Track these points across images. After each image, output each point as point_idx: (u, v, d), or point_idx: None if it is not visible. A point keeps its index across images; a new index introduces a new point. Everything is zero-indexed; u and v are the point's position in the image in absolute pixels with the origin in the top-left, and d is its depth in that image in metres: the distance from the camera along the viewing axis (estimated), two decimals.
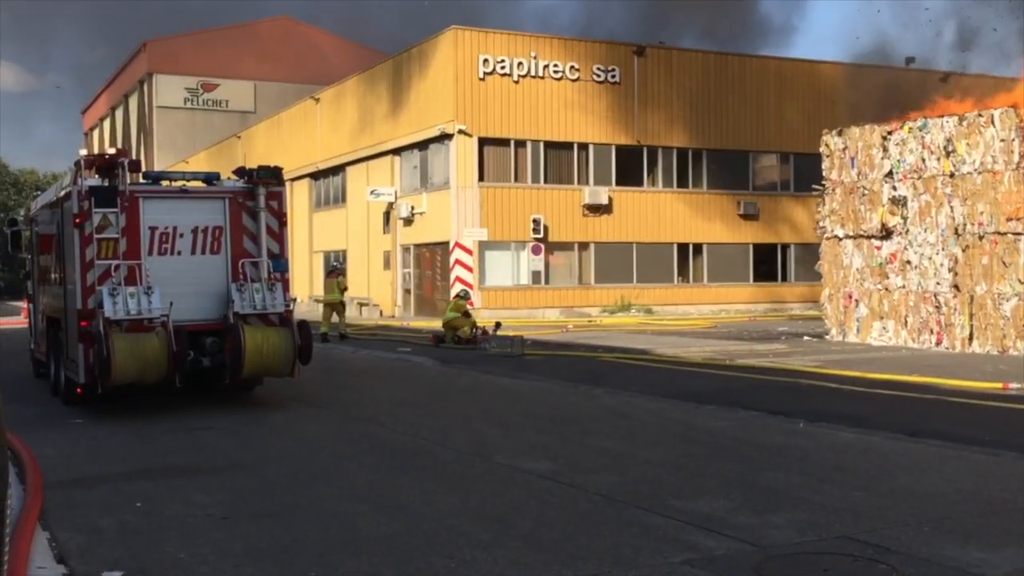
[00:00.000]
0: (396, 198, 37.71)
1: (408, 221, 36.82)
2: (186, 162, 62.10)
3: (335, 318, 25.45)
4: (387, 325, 31.79)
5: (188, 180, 13.08)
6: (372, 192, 38.29)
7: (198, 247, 12.50)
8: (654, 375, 16.40)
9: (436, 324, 25.76)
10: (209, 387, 13.34)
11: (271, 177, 12.88)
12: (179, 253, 12.40)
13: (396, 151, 38.08)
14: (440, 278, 35.00)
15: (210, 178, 13.06)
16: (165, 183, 12.95)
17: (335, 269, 29.23)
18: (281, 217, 12.93)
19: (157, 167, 59.92)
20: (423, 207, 35.97)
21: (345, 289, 26.14)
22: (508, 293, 34.38)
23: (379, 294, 38.90)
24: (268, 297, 12.47)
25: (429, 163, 36.27)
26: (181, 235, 12.42)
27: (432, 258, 35.77)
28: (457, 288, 29.77)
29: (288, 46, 70.28)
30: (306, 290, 44.97)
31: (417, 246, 36.77)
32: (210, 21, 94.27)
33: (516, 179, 34.82)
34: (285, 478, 8.52)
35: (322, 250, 45.87)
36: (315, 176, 46.62)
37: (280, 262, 12.80)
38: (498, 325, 22.60)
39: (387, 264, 38.81)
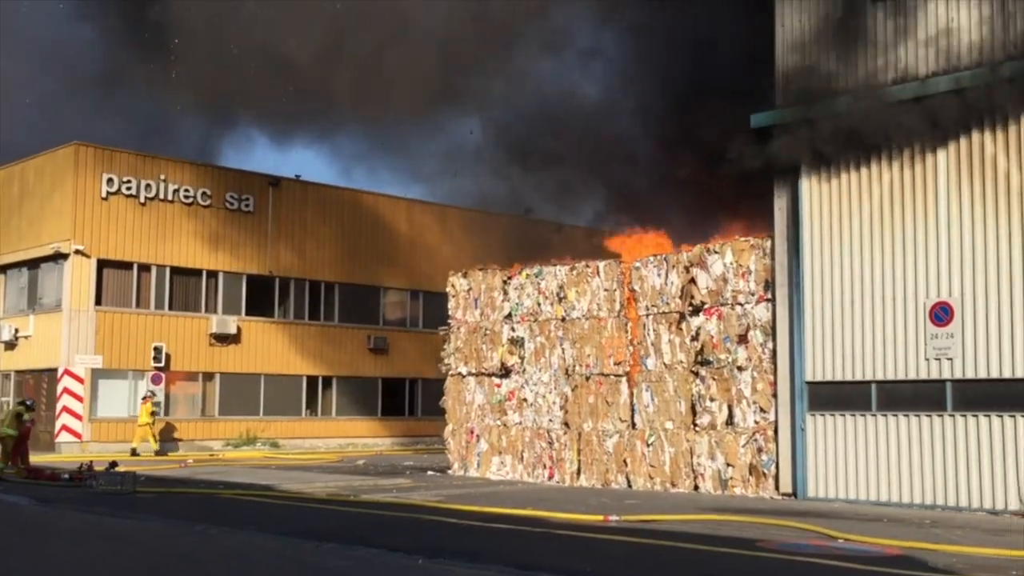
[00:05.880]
0: None
1: (11, 345, 33.65)
2: None
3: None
4: None
5: None
6: None
7: None
8: (276, 512, 15.90)
9: (39, 459, 23.54)
10: None
11: None
12: None
13: (1, 269, 34.99)
14: (45, 408, 32.09)
15: None
16: None
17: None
18: None
19: None
20: (29, 330, 33.10)
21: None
22: (123, 425, 32.17)
23: None
24: None
25: (40, 283, 33.61)
26: None
27: (37, 386, 32.79)
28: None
29: None
30: None
31: (19, 372, 33.61)
32: None
33: (138, 304, 33.15)
34: None
35: None
36: None
37: None
38: (114, 464, 20.96)
39: None
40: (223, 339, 34.57)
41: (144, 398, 31.33)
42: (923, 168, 16.48)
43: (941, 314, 16.03)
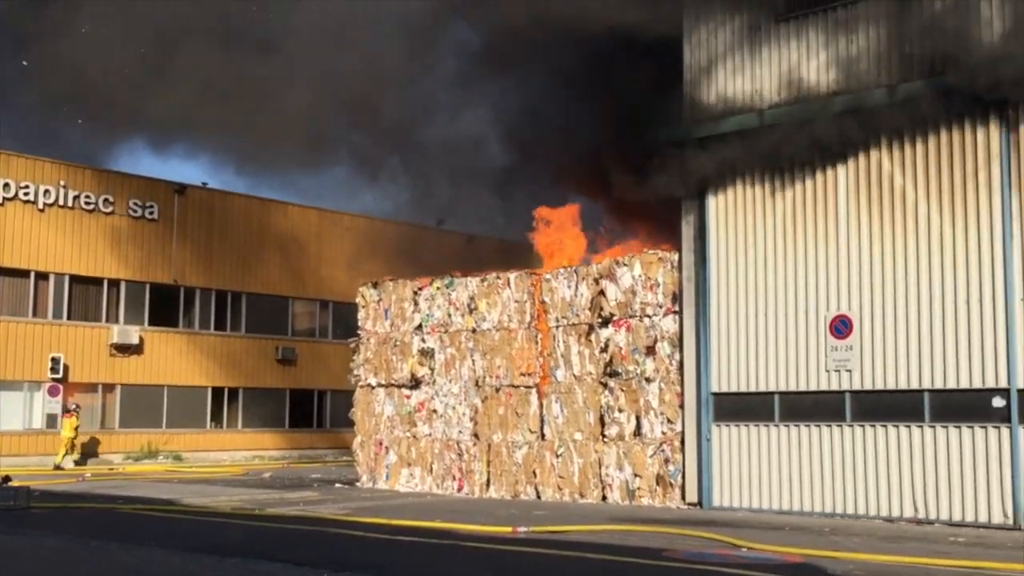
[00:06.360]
0: None
1: None
2: None
3: None
4: None
5: None
6: None
7: None
8: (178, 527, 15.52)
9: None
10: None
11: None
12: None
13: None
14: None
15: None
16: None
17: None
18: None
19: None
20: None
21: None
22: (18, 439, 31.09)
23: None
24: None
25: None
26: None
27: None
28: None
29: None
30: None
31: None
32: None
33: (35, 314, 32.07)
34: None
35: None
36: None
37: None
38: (6, 479, 20.17)
39: None
40: (124, 349, 33.67)
41: (68, 411, 30.86)
42: (824, 185, 16.93)
43: (841, 327, 16.46)
